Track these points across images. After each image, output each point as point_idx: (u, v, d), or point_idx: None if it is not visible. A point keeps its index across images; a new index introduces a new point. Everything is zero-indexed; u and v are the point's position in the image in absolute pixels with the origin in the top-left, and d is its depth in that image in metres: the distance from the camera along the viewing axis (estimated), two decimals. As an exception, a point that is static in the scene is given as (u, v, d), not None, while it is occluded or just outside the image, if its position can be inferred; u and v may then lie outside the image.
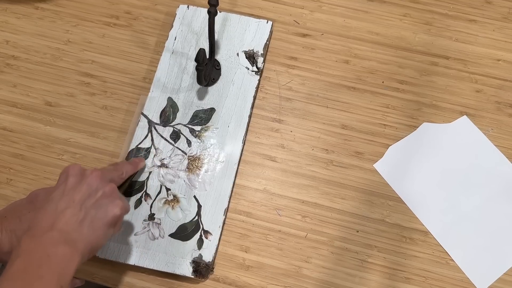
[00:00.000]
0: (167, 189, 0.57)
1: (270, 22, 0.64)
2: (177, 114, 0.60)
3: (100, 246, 0.44)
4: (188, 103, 0.60)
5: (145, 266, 0.54)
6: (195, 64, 0.54)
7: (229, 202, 0.57)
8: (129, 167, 0.54)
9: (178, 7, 0.65)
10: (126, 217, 0.56)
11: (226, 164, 0.58)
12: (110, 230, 0.45)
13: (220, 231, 0.56)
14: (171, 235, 0.55)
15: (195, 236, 0.55)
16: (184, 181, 0.57)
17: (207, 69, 0.59)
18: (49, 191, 0.48)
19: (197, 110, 0.60)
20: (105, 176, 0.46)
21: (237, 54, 0.63)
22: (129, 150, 0.58)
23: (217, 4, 0.54)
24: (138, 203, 0.56)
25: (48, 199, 0.43)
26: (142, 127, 0.59)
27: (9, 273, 0.38)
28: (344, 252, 0.56)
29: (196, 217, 0.56)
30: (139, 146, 0.58)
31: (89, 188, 0.44)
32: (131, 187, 0.57)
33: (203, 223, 0.56)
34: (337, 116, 0.62)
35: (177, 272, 0.54)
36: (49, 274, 0.38)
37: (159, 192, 0.57)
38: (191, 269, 0.54)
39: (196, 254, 0.54)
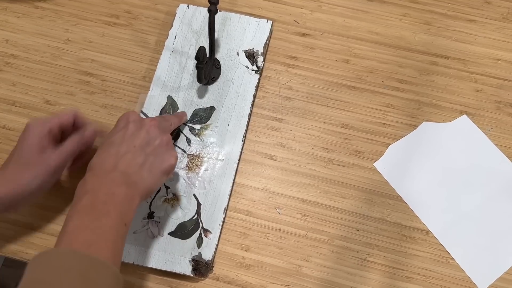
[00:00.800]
0: (167, 188, 0.57)
1: (270, 22, 0.64)
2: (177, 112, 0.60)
3: (154, 191, 0.48)
4: (188, 102, 0.60)
5: (144, 265, 0.54)
6: (195, 62, 0.54)
7: (228, 200, 0.57)
8: (176, 120, 0.55)
9: (178, 6, 0.65)
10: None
11: (226, 163, 0.58)
12: (164, 178, 0.47)
13: (219, 230, 0.55)
14: (171, 234, 0.55)
15: (194, 235, 0.55)
16: (184, 179, 0.57)
17: (207, 67, 0.59)
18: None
19: (197, 109, 0.60)
20: (161, 125, 0.49)
21: (237, 53, 0.63)
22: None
23: (218, 2, 0.54)
24: (137, 201, 0.56)
25: (109, 142, 0.45)
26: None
27: (77, 207, 0.40)
28: (345, 251, 0.56)
29: (196, 216, 0.55)
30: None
31: (147, 136, 0.47)
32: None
33: (202, 221, 0.55)
34: (337, 115, 0.62)
35: (177, 270, 0.53)
36: (114, 211, 0.41)
37: (159, 191, 0.56)
38: (190, 268, 0.53)
39: (195, 253, 0.54)
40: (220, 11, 0.63)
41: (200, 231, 0.55)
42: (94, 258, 0.37)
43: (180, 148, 0.58)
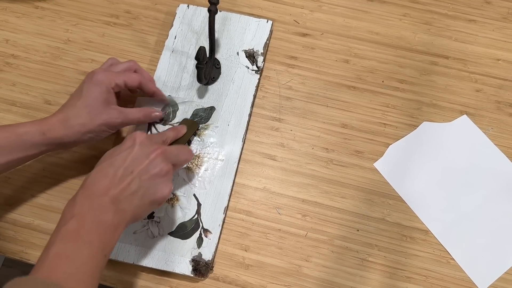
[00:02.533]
0: (167, 188, 0.57)
1: (270, 22, 0.64)
2: (177, 112, 0.60)
3: (141, 218, 0.47)
4: (188, 102, 0.60)
5: (144, 265, 0.54)
6: (195, 62, 0.54)
7: (228, 200, 0.57)
8: (172, 134, 0.54)
9: (178, 6, 0.65)
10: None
11: (226, 163, 0.58)
12: (153, 207, 0.47)
13: (219, 230, 0.55)
14: (171, 234, 0.55)
15: (194, 235, 0.55)
16: (184, 179, 0.57)
17: (207, 67, 0.59)
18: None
19: (197, 109, 0.60)
20: (166, 155, 0.47)
21: (237, 53, 0.63)
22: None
23: (218, 2, 0.54)
24: (137, 201, 0.56)
25: (109, 162, 0.45)
26: (142, 126, 0.59)
27: (62, 232, 0.40)
28: (345, 251, 0.56)
29: (196, 216, 0.55)
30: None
31: (149, 164, 0.46)
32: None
33: (202, 221, 0.55)
34: (337, 115, 0.62)
35: (177, 270, 0.53)
36: (97, 240, 0.41)
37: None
38: (190, 268, 0.53)
39: (195, 253, 0.54)
40: (220, 11, 0.63)
41: (200, 231, 0.55)
42: None
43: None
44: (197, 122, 0.59)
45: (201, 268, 0.53)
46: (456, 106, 0.62)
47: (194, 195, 0.56)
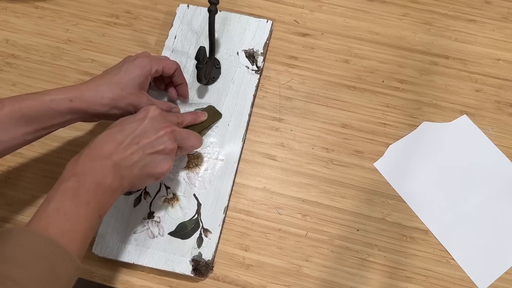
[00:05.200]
0: (167, 187, 0.57)
1: (270, 22, 0.64)
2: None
3: (137, 189, 0.47)
4: (188, 102, 0.60)
5: (144, 265, 0.54)
6: (195, 62, 0.54)
7: (229, 200, 0.57)
8: (190, 117, 0.55)
9: (178, 6, 0.65)
10: (125, 215, 0.55)
11: (226, 163, 0.58)
12: (150, 181, 0.48)
13: (220, 230, 0.55)
14: (171, 234, 0.55)
15: (194, 235, 0.55)
16: (184, 179, 0.57)
17: (207, 67, 0.59)
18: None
19: (197, 109, 0.60)
20: (175, 135, 0.48)
21: (237, 53, 0.63)
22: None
23: (218, 2, 0.54)
24: (137, 201, 0.56)
25: (119, 128, 0.46)
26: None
27: (61, 188, 0.41)
28: (345, 251, 0.56)
29: (196, 216, 0.56)
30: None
31: (156, 140, 0.46)
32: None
33: (202, 221, 0.55)
34: (337, 115, 0.62)
35: (177, 270, 0.53)
36: (94, 201, 0.42)
37: (159, 190, 0.56)
38: (190, 268, 0.53)
39: (195, 253, 0.54)
40: (220, 11, 0.63)
41: (200, 231, 0.55)
42: (65, 250, 0.38)
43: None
44: (220, 113, 0.59)
45: (201, 268, 0.53)
46: (456, 106, 0.62)
47: (194, 195, 0.56)
